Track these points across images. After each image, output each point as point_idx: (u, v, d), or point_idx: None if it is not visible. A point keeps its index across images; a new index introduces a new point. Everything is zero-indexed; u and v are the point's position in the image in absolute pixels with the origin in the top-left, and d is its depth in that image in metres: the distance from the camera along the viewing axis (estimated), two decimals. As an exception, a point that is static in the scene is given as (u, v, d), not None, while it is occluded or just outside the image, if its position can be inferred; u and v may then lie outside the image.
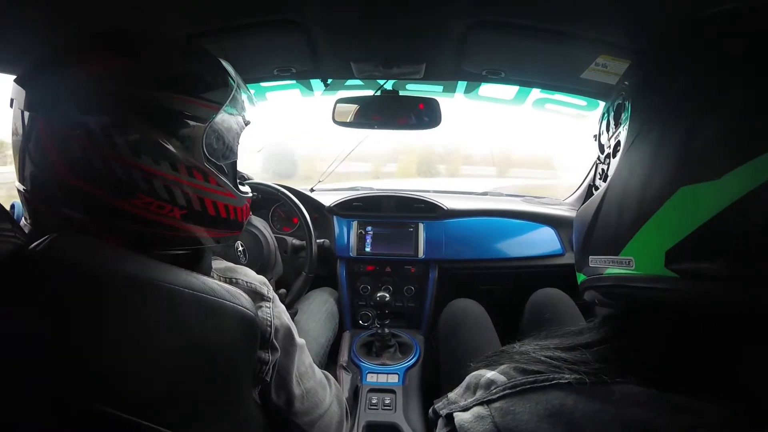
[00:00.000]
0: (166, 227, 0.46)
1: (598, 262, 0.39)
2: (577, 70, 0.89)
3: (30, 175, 0.43)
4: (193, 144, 0.46)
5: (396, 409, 0.97)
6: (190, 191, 0.46)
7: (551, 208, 1.52)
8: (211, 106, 0.47)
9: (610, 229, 0.37)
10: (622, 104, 0.40)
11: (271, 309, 0.55)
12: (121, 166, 0.41)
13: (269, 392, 0.56)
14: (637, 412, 0.28)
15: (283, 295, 1.05)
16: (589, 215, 0.41)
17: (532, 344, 0.40)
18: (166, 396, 0.41)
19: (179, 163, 0.45)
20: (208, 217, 0.49)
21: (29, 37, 0.63)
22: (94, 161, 0.41)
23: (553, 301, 1.09)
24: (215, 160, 0.49)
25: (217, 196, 0.49)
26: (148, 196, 0.43)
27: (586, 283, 0.43)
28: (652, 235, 0.31)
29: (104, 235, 0.44)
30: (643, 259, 0.32)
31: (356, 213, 1.40)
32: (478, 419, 0.34)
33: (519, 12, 0.72)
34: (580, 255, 0.44)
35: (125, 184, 0.42)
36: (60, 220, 0.43)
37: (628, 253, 0.34)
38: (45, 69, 0.44)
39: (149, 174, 0.43)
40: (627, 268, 0.34)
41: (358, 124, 1.13)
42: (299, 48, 0.86)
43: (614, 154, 0.40)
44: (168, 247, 0.48)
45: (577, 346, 0.36)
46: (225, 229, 0.53)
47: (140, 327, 0.40)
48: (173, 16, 0.71)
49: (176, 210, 0.46)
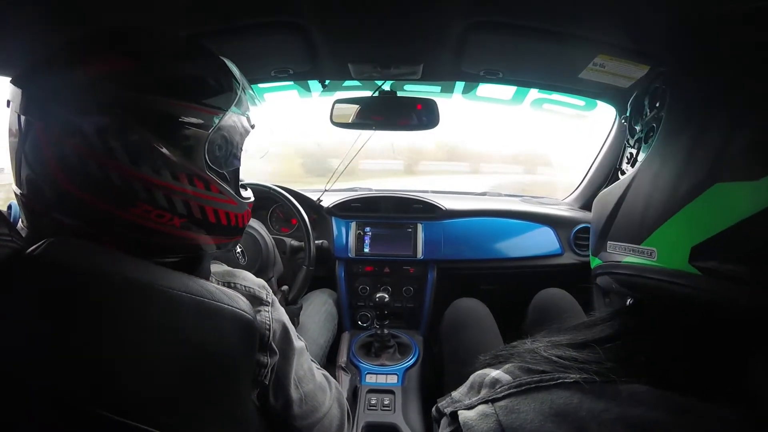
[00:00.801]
0: (165, 235, 0.45)
1: (618, 248, 0.38)
2: (576, 70, 0.89)
3: (27, 178, 0.42)
4: (194, 152, 0.44)
5: (395, 410, 0.97)
6: (190, 200, 0.45)
7: (550, 208, 1.52)
8: (215, 112, 0.45)
9: (635, 216, 0.36)
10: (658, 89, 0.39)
11: (269, 312, 0.54)
12: (120, 174, 0.40)
13: (267, 395, 0.56)
14: (643, 412, 0.28)
15: (286, 292, 1.05)
16: (612, 200, 0.40)
17: (543, 341, 0.40)
18: (164, 399, 0.41)
19: (180, 171, 0.43)
20: (209, 225, 0.48)
21: (27, 38, 0.62)
22: (92, 168, 0.40)
23: (556, 302, 1.09)
24: (217, 167, 0.47)
25: (219, 204, 0.48)
26: (147, 204, 0.42)
27: (601, 269, 0.42)
28: (680, 228, 0.31)
29: (102, 241, 0.44)
30: (667, 251, 0.32)
31: (355, 214, 1.40)
32: (483, 417, 0.34)
33: (517, 13, 0.72)
34: (598, 239, 0.43)
35: (124, 192, 0.41)
36: (57, 225, 0.43)
37: (651, 243, 0.33)
38: (43, 70, 0.43)
39: (149, 183, 0.42)
40: (648, 259, 0.34)
41: (357, 125, 1.13)
42: (297, 49, 0.86)
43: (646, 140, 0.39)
44: (166, 254, 0.47)
45: (588, 342, 0.36)
46: (225, 236, 0.52)
47: (138, 330, 0.40)
48: (171, 17, 0.71)
49: (176, 219, 0.45)
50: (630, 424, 0.27)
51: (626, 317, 0.38)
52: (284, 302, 1.03)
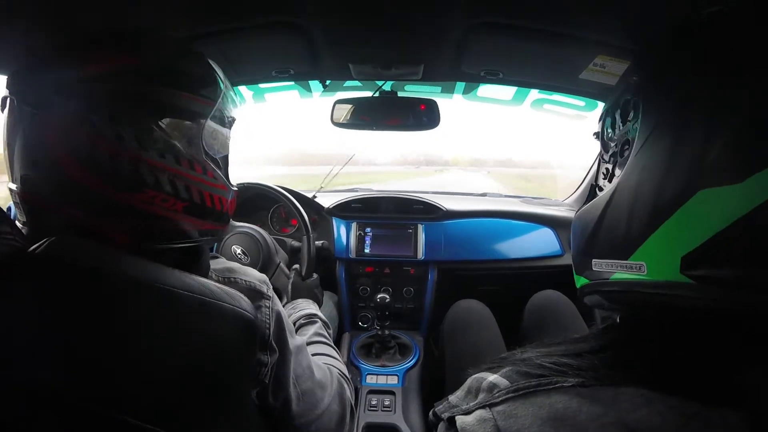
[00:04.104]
0: (168, 221, 0.47)
1: (604, 266, 0.38)
2: (576, 70, 0.89)
3: (31, 172, 0.43)
4: (194, 138, 0.47)
5: (395, 411, 0.97)
6: (191, 185, 0.47)
7: (550, 208, 1.52)
8: (209, 102, 0.49)
9: (618, 232, 0.36)
10: (629, 101, 0.39)
11: (270, 309, 0.54)
12: (129, 160, 0.42)
13: (267, 395, 0.56)
14: (642, 416, 0.27)
15: (298, 271, 1.06)
16: (592, 217, 0.40)
17: (534, 351, 0.40)
18: (165, 398, 0.41)
19: (182, 156, 0.46)
20: (206, 210, 0.50)
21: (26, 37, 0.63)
22: (102, 156, 0.41)
23: (552, 304, 1.09)
24: (213, 154, 0.51)
25: (214, 189, 0.51)
26: (153, 189, 0.44)
27: (589, 287, 0.42)
28: (667, 240, 0.30)
29: (107, 232, 0.44)
30: (656, 264, 0.31)
31: (355, 214, 1.40)
32: (481, 422, 0.34)
33: (517, 14, 0.72)
34: (582, 258, 0.42)
35: (132, 178, 0.43)
36: (62, 220, 0.43)
37: (639, 257, 0.33)
38: (49, 65, 0.44)
39: (155, 168, 0.44)
40: (637, 273, 0.33)
41: (357, 125, 1.13)
42: (298, 50, 0.86)
43: (622, 154, 0.38)
44: (169, 241, 0.48)
45: (583, 353, 0.35)
46: (217, 222, 0.54)
47: (140, 329, 0.40)
48: (173, 17, 0.71)
49: (179, 203, 0.47)
50: (630, 429, 0.27)
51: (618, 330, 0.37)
52: (301, 280, 1.04)
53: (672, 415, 0.27)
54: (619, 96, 0.41)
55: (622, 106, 0.40)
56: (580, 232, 0.43)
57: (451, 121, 2.00)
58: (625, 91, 0.39)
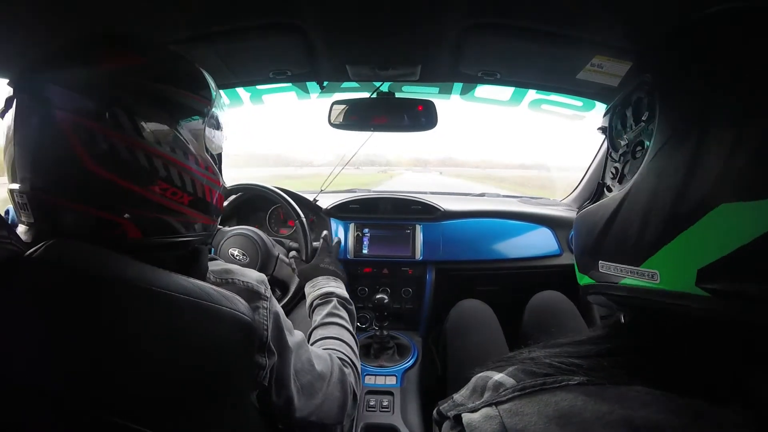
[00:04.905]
0: (176, 214, 0.49)
1: (612, 269, 0.37)
2: (573, 70, 0.89)
3: (43, 171, 0.43)
4: (198, 135, 0.51)
5: (394, 411, 0.97)
6: (196, 178, 0.50)
7: (548, 208, 1.53)
8: (207, 102, 0.52)
9: (630, 237, 0.35)
10: (642, 100, 0.37)
11: (267, 310, 0.54)
12: (145, 154, 0.45)
13: (269, 395, 0.56)
14: (648, 414, 0.27)
15: (298, 258, 1.09)
16: (601, 218, 0.39)
17: (543, 351, 0.39)
18: (163, 401, 0.41)
19: (189, 152, 0.49)
20: (205, 203, 0.53)
21: (27, 39, 0.62)
22: (121, 150, 0.43)
23: (553, 305, 1.09)
24: (212, 150, 0.54)
25: (212, 183, 0.53)
26: (165, 182, 0.47)
27: (594, 288, 0.41)
28: (683, 251, 0.30)
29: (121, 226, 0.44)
30: (670, 274, 0.31)
31: (353, 215, 1.40)
32: (487, 419, 0.34)
33: (514, 14, 0.72)
34: (587, 258, 0.42)
35: (147, 171, 0.45)
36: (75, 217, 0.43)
37: (652, 266, 0.32)
38: (61, 64, 0.44)
39: (167, 161, 0.47)
40: (649, 281, 0.33)
41: (355, 126, 1.13)
42: (295, 51, 0.86)
43: (634, 155, 0.38)
44: (175, 234, 0.49)
45: (592, 354, 0.35)
46: (213, 216, 0.56)
47: (138, 332, 0.40)
48: (171, 18, 0.71)
49: (185, 196, 0.49)
50: (635, 426, 0.27)
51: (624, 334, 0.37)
52: (304, 262, 1.08)
53: (678, 413, 0.27)
54: (630, 93, 0.39)
55: (634, 104, 0.39)
56: (586, 232, 0.42)
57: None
58: (638, 88, 0.38)
